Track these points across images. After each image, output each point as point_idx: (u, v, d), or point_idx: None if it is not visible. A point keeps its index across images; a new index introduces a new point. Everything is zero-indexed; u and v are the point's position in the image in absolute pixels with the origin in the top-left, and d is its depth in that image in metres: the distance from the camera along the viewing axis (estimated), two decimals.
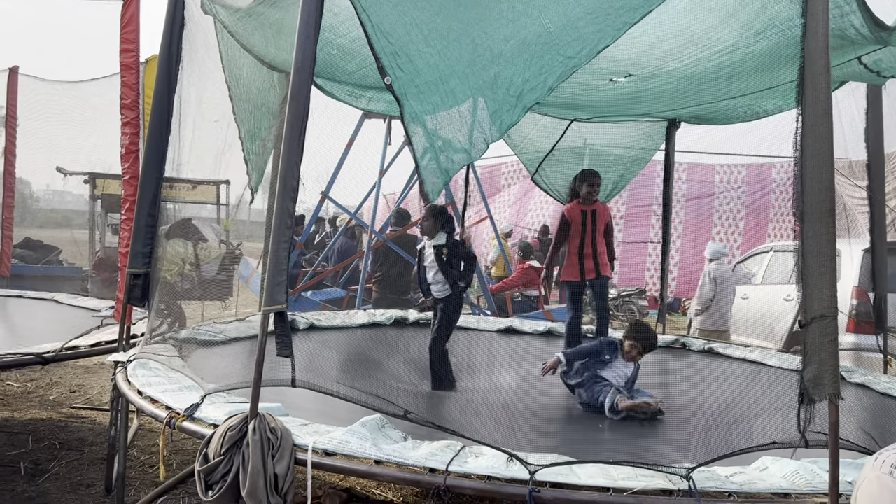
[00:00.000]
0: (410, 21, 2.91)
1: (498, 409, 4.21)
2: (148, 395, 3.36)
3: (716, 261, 9.32)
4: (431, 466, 2.61)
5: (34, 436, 5.20)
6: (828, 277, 2.48)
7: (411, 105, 2.91)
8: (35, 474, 4.47)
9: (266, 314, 2.86)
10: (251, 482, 2.67)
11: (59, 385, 6.81)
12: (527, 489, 2.47)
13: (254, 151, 4.41)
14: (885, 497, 1.44)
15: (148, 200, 4.15)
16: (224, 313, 9.58)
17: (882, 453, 1.52)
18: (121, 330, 4.35)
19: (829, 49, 2.55)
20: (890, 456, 1.50)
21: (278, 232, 2.86)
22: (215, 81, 4.37)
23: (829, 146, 2.53)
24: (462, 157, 2.99)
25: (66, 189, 19.36)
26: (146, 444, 5.05)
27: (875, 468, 1.50)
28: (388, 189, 15.23)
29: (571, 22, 2.79)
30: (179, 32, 4.16)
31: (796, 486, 2.53)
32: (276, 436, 2.76)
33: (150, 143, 4.16)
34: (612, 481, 2.53)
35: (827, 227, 2.49)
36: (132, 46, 4.82)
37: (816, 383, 2.45)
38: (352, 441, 2.76)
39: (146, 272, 4.19)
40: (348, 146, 8.84)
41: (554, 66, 2.80)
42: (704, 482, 2.52)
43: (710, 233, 15.87)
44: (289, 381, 2.99)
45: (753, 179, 15.62)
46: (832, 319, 2.46)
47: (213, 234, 10.99)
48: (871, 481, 1.49)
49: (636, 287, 14.16)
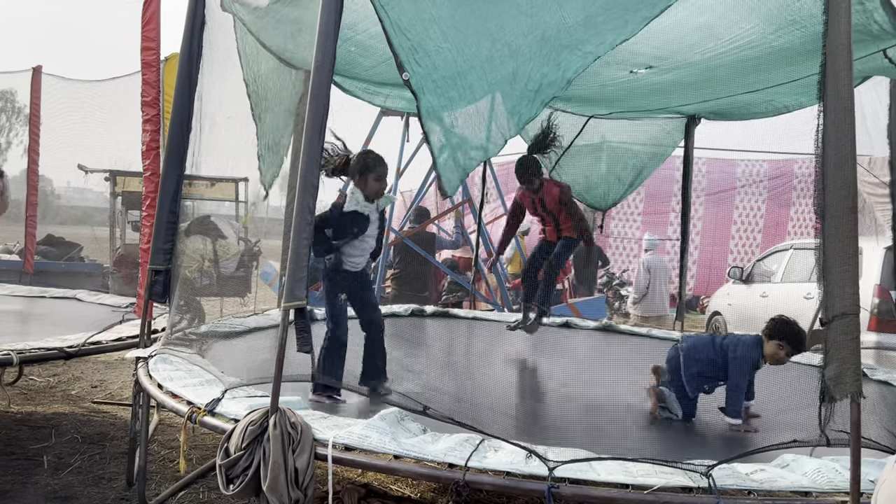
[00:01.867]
0: (428, 17, 2.92)
1: (517, 404, 4.21)
2: (169, 389, 3.39)
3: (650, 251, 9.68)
4: (451, 462, 2.62)
5: (57, 430, 5.27)
6: (849, 275, 2.46)
7: (428, 100, 2.91)
8: (58, 468, 4.54)
9: (287, 310, 2.89)
10: (272, 476, 2.70)
11: (81, 380, 6.90)
12: (546, 485, 2.47)
13: (269, 149, 4.44)
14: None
15: (169, 197, 4.19)
16: (243, 310, 9.65)
17: None
18: (142, 325, 4.40)
19: (852, 46, 2.53)
20: None
21: (299, 229, 2.88)
22: (235, 79, 4.40)
23: (851, 143, 2.50)
24: (479, 153, 2.99)
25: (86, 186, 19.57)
26: (166, 438, 5.10)
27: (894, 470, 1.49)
28: (406, 186, 15.27)
29: (590, 17, 2.79)
30: (200, 30, 4.19)
31: (817, 485, 2.51)
32: (296, 430, 2.78)
33: (172, 140, 4.20)
34: (632, 478, 2.52)
35: (849, 224, 2.47)
36: (153, 45, 4.87)
37: (838, 381, 2.44)
38: (371, 436, 2.78)
39: (167, 268, 4.23)
40: (366, 144, 8.86)
41: (572, 61, 2.80)
42: (724, 479, 2.51)
43: (729, 231, 15.74)
44: (309, 375, 3.02)
45: (775, 174, 15.44)
46: (854, 317, 2.45)
47: (231, 231, 11.08)
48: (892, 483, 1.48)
49: None
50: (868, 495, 2.41)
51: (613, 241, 15.85)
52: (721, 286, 11.83)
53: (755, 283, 10.02)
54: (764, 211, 15.51)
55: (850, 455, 2.40)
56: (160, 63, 4.97)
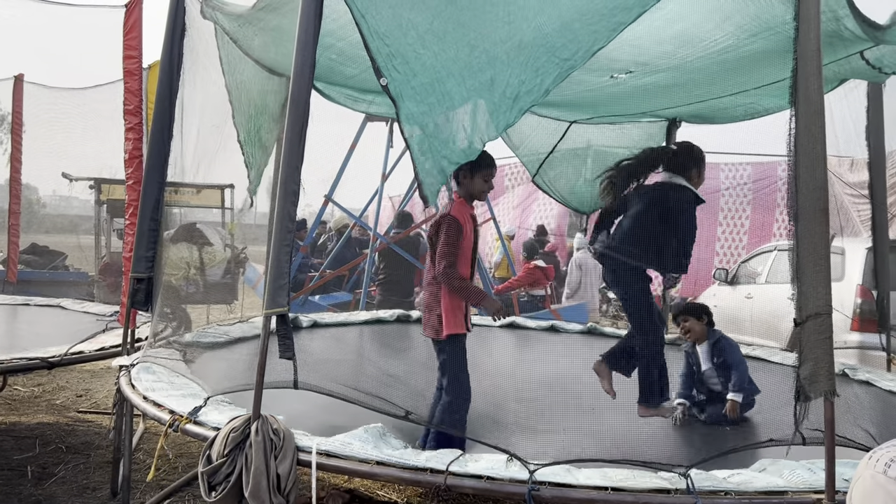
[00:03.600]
0: (407, 23, 2.94)
1: (498, 408, 4.23)
2: (152, 398, 3.39)
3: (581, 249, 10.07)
4: (432, 467, 2.64)
5: (41, 440, 5.24)
6: (822, 275, 2.50)
7: (407, 106, 2.93)
8: (42, 478, 4.52)
9: (268, 317, 2.90)
10: (254, 483, 2.70)
11: (66, 389, 6.86)
12: (526, 488, 2.50)
13: (253, 155, 4.45)
14: (878, 495, 1.45)
15: (151, 205, 4.19)
16: (229, 317, 9.63)
17: (876, 451, 1.53)
18: (125, 334, 4.39)
19: (821, 51, 2.57)
20: (884, 454, 1.51)
21: (279, 235, 2.89)
22: (216, 86, 4.40)
23: (822, 146, 2.55)
24: (459, 158, 3.01)
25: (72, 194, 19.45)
26: (152, 447, 5.08)
27: (869, 466, 1.51)
28: (394, 191, 15.27)
29: (567, 24, 2.81)
30: (181, 38, 4.20)
31: (793, 485, 2.55)
32: (278, 437, 2.79)
33: (153, 148, 4.20)
34: (611, 480, 2.55)
35: (821, 225, 2.51)
36: (135, 53, 4.87)
37: (812, 380, 2.47)
38: (354, 443, 2.80)
39: (149, 276, 4.23)
40: (351, 149, 8.88)
41: (550, 68, 2.82)
42: (702, 482, 2.54)
43: (715, 232, 15.83)
44: (291, 382, 3.03)
45: (759, 177, 15.56)
46: (827, 317, 2.48)
47: (217, 238, 11.05)
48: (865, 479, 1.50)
49: None
50: (844, 493, 2.45)
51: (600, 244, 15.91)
52: (707, 288, 11.91)
53: (740, 284, 10.10)
54: (749, 213, 15.62)
55: (825, 453, 2.43)
56: (142, 71, 4.97)
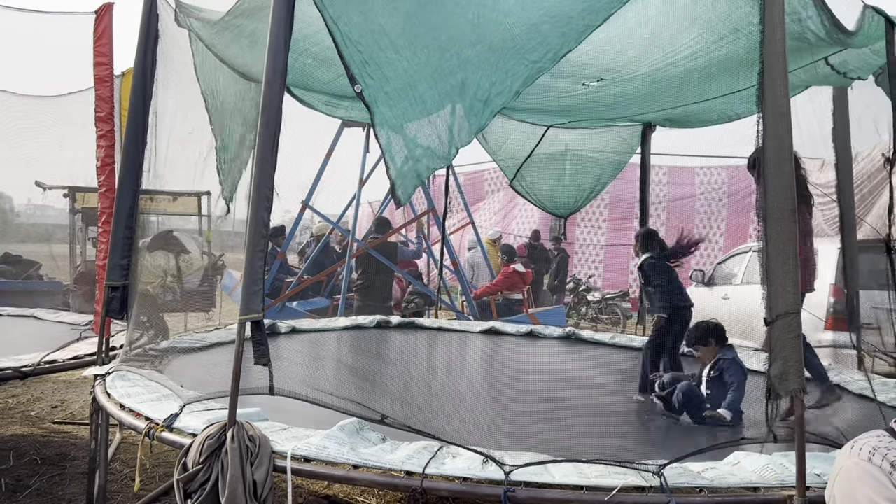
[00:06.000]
0: (378, 29, 2.96)
1: (476, 410, 4.24)
2: (127, 406, 3.36)
3: (473, 249, 10.97)
4: (408, 469, 2.65)
5: (15, 452, 5.17)
6: (790, 276, 2.54)
7: (381, 112, 2.96)
8: (16, 490, 4.45)
9: (242, 323, 2.89)
10: (230, 490, 2.69)
11: (41, 400, 6.77)
12: (501, 489, 2.51)
13: (228, 162, 4.44)
14: (866, 481, 1.48)
15: (125, 213, 4.16)
16: (208, 324, 9.55)
17: (856, 442, 1.56)
18: (99, 342, 4.35)
19: (787, 54, 2.62)
20: (865, 444, 1.54)
21: (253, 242, 2.89)
22: (191, 93, 4.39)
23: (788, 148, 2.59)
24: (432, 162, 3.03)
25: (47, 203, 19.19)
26: (128, 457, 5.03)
27: (852, 456, 1.54)
28: (374, 196, 15.26)
29: (535, 26, 2.85)
30: (154, 45, 4.18)
31: (766, 480, 2.58)
32: (254, 443, 2.78)
33: (126, 155, 4.17)
34: (586, 479, 2.57)
35: (788, 226, 2.55)
36: (105, 59, 4.83)
37: (782, 379, 2.51)
38: (329, 447, 2.79)
39: (124, 284, 4.20)
40: (328, 155, 8.86)
41: (519, 71, 2.85)
42: (676, 478, 2.57)
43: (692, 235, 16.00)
44: (267, 388, 3.02)
45: (734, 181, 15.77)
46: (795, 316, 2.52)
47: (195, 246, 10.97)
48: (849, 469, 1.53)
49: (619, 290, 14.26)
50: (815, 489, 2.49)
51: (579, 248, 16.02)
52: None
53: (717, 285, 10.19)
54: (725, 215, 15.80)
55: (796, 450, 2.47)
56: (114, 78, 4.93)
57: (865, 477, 1.49)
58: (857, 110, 4.81)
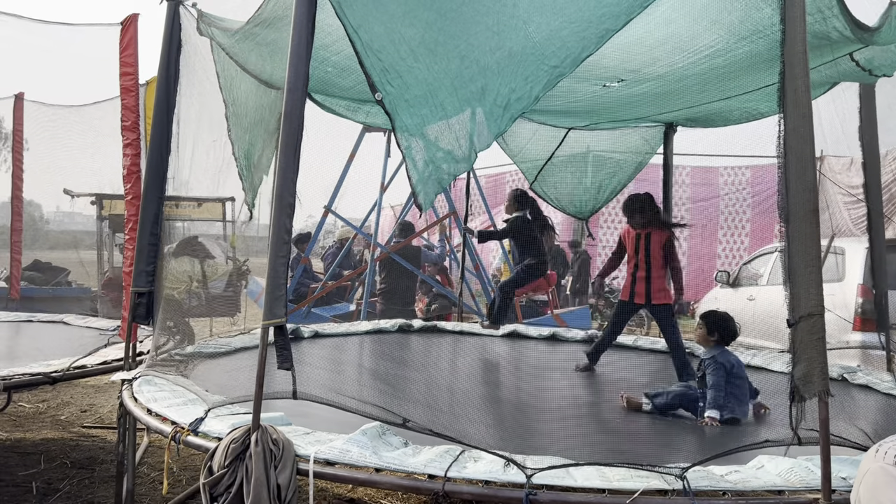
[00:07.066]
0: (399, 38, 2.98)
1: (497, 414, 4.25)
2: (154, 411, 3.42)
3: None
4: (430, 473, 2.66)
5: (46, 455, 5.26)
6: (814, 276, 2.52)
7: (402, 119, 2.98)
8: (47, 493, 4.54)
9: (266, 328, 2.92)
10: (255, 493, 2.72)
11: (70, 405, 6.89)
12: (523, 493, 2.52)
13: (250, 169, 4.49)
14: (892, 485, 1.47)
15: (150, 220, 4.23)
16: (232, 329, 9.65)
17: (882, 445, 1.55)
18: (126, 348, 4.42)
19: (810, 53, 2.60)
20: (892, 446, 1.52)
21: (276, 248, 2.93)
22: (213, 101, 4.45)
23: (810, 147, 2.57)
24: (453, 167, 3.05)
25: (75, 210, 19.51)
26: (156, 460, 5.11)
27: (878, 459, 1.52)
28: (396, 200, 15.32)
29: (555, 31, 2.85)
30: (177, 54, 4.25)
31: (790, 483, 2.56)
32: (277, 447, 2.81)
33: (151, 163, 4.24)
34: (608, 482, 2.57)
35: (811, 226, 2.54)
36: (131, 70, 4.92)
37: (806, 381, 2.49)
38: (352, 450, 2.81)
39: (150, 290, 4.26)
40: (350, 160, 8.93)
41: (539, 76, 2.86)
42: (699, 481, 2.55)
43: (717, 235, 15.86)
44: (290, 393, 3.05)
45: (758, 181, 15.61)
46: (819, 317, 2.50)
47: (219, 251, 11.11)
48: (874, 472, 1.51)
49: None
50: (840, 492, 2.47)
51: (602, 250, 15.95)
52: (709, 291, 11.92)
53: (742, 286, 10.10)
54: (750, 216, 15.65)
55: (820, 453, 2.44)
56: (139, 87, 5.02)
57: (891, 481, 1.48)
58: (882, 109, 4.75)
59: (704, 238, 15.66)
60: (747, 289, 9.83)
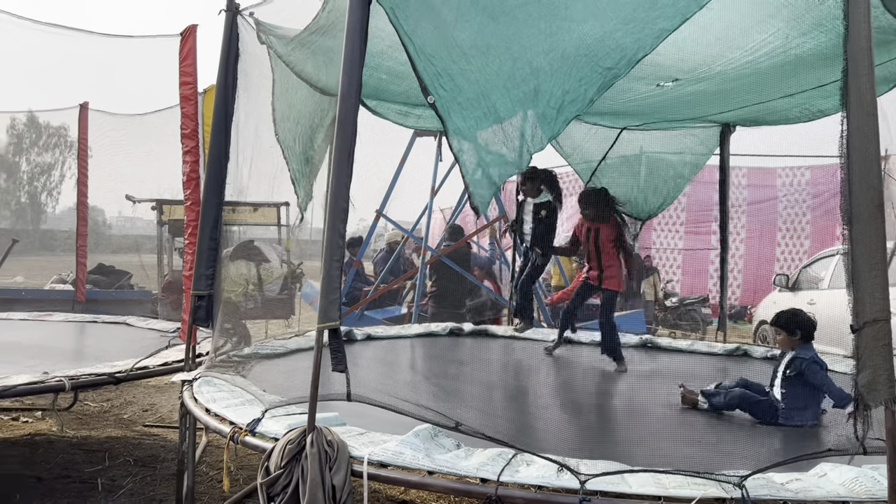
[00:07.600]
0: (451, 41, 3.00)
1: (549, 418, 4.22)
2: (213, 411, 3.50)
3: None
4: (483, 477, 2.65)
5: (110, 453, 5.44)
6: (879, 280, 2.44)
7: (454, 122, 2.99)
8: (111, 490, 4.68)
9: (321, 331, 2.97)
10: (310, 494, 2.76)
11: (133, 404, 7.11)
12: (577, 498, 2.49)
13: (301, 172, 4.56)
14: None
15: (209, 225, 4.33)
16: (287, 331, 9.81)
17: None
18: (187, 349, 4.53)
19: (873, 49, 2.52)
20: None
21: (330, 252, 2.96)
22: (269, 108, 4.54)
23: (875, 147, 2.49)
24: (506, 169, 3.06)
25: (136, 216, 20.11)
26: (214, 459, 5.23)
27: None
28: (445, 203, 15.38)
29: (609, 33, 2.83)
30: (234, 63, 4.35)
31: (855, 494, 2.48)
32: (332, 448, 2.85)
33: (210, 169, 4.35)
34: (664, 490, 2.52)
35: (876, 228, 2.45)
36: (190, 79, 5.06)
37: (871, 388, 2.40)
38: (405, 452, 2.83)
39: (210, 294, 4.37)
40: (401, 164, 9.00)
41: (593, 78, 2.84)
42: (759, 489, 2.49)
43: (775, 238, 15.44)
44: (344, 395, 3.09)
45: (819, 181, 15.13)
46: (885, 323, 2.42)
47: (274, 255, 11.30)
48: None
49: (699, 295, 13.88)
50: None
51: (656, 252, 15.69)
52: (767, 295, 11.62)
53: (802, 290, 9.83)
54: (810, 217, 15.18)
55: (888, 463, 2.36)
56: (198, 96, 5.16)
57: None
58: None
59: (763, 241, 15.25)
60: (807, 293, 9.56)
